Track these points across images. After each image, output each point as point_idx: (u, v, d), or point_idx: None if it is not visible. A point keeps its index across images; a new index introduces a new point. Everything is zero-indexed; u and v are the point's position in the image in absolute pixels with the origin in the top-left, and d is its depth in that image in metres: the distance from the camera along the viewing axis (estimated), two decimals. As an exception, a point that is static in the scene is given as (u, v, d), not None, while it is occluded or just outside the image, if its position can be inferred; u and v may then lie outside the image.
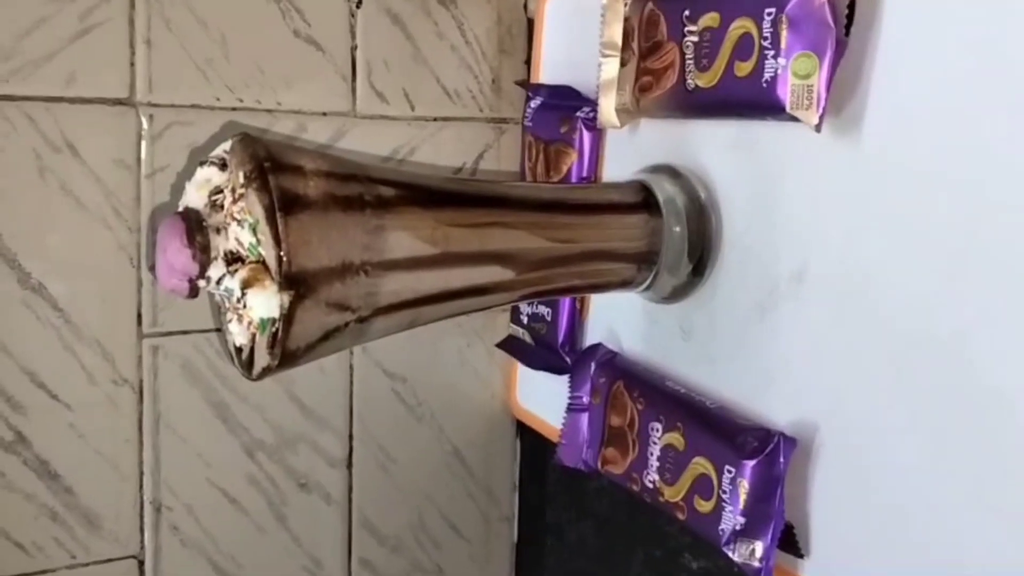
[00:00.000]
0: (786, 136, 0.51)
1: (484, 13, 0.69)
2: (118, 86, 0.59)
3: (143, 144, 0.60)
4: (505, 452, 0.75)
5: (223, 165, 0.46)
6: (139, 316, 0.61)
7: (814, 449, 0.50)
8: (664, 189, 0.56)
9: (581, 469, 0.63)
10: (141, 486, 0.62)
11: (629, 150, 0.62)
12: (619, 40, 0.59)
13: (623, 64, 0.59)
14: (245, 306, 0.43)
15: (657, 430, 0.57)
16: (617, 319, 0.63)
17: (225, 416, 0.64)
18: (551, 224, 0.51)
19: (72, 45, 0.57)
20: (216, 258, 0.45)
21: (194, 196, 0.46)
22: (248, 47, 0.62)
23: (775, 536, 0.50)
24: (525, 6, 0.71)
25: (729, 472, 0.52)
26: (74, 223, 0.59)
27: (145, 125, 0.60)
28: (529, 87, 0.68)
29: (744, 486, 0.51)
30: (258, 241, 0.43)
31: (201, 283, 0.46)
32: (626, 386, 0.59)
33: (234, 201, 0.44)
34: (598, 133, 0.63)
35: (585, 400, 0.63)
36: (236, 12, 0.62)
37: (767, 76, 0.49)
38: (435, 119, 0.69)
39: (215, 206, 0.46)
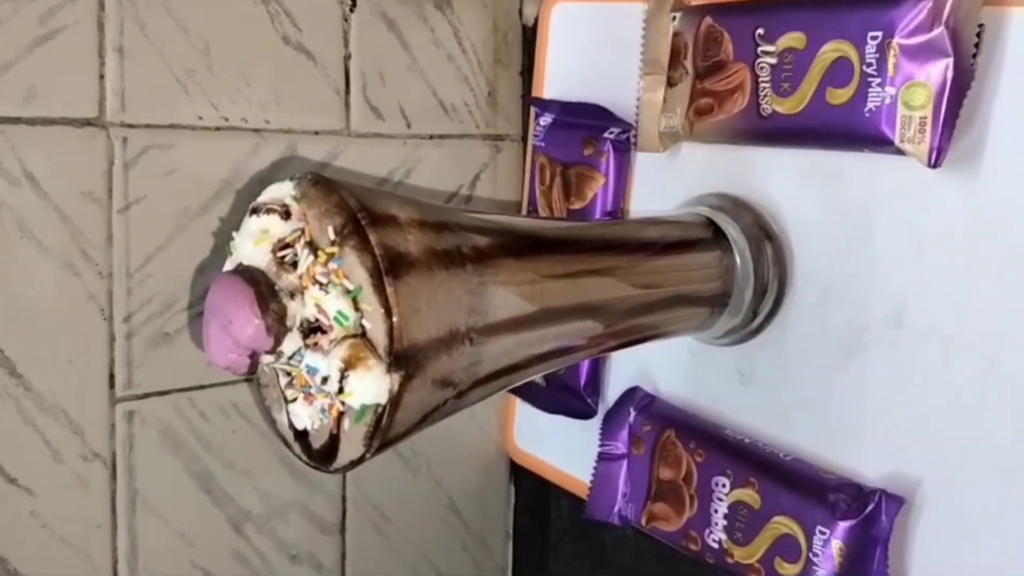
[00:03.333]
0: (882, 168, 0.47)
1: (479, 19, 0.62)
2: (86, 103, 0.49)
3: (115, 172, 0.50)
4: (499, 499, 0.69)
5: (286, 213, 0.38)
6: (111, 377, 0.51)
7: (915, 507, 0.47)
8: (729, 223, 0.51)
9: (614, 523, 0.58)
10: (116, 577, 0.52)
11: (665, 177, 0.56)
12: (666, 57, 0.53)
13: (672, 84, 0.54)
14: (342, 391, 0.35)
15: (724, 485, 0.52)
16: (652, 359, 0.58)
17: (210, 487, 0.55)
18: (636, 268, 0.46)
19: (31, 54, 0.47)
20: (291, 329, 0.37)
21: (252, 252, 0.38)
22: (234, 56, 0.53)
23: (875, 602, 0.46)
24: (520, 12, 0.65)
25: (822, 533, 0.48)
26: (34, 269, 0.48)
27: (117, 150, 0.50)
28: (539, 103, 0.61)
29: (840, 548, 0.47)
30: (359, 312, 0.35)
31: (267, 359, 0.38)
32: (679, 435, 0.54)
33: (321, 261, 0.36)
34: (627, 156, 0.58)
35: (622, 449, 0.57)
36: (221, 15, 0.52)
37: (871, 105, 0.45)
38: (431, 136, 0.61)
39: (283, 264, 0.37)
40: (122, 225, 0.50)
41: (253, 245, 0.38)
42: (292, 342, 0.37)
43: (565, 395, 0.61)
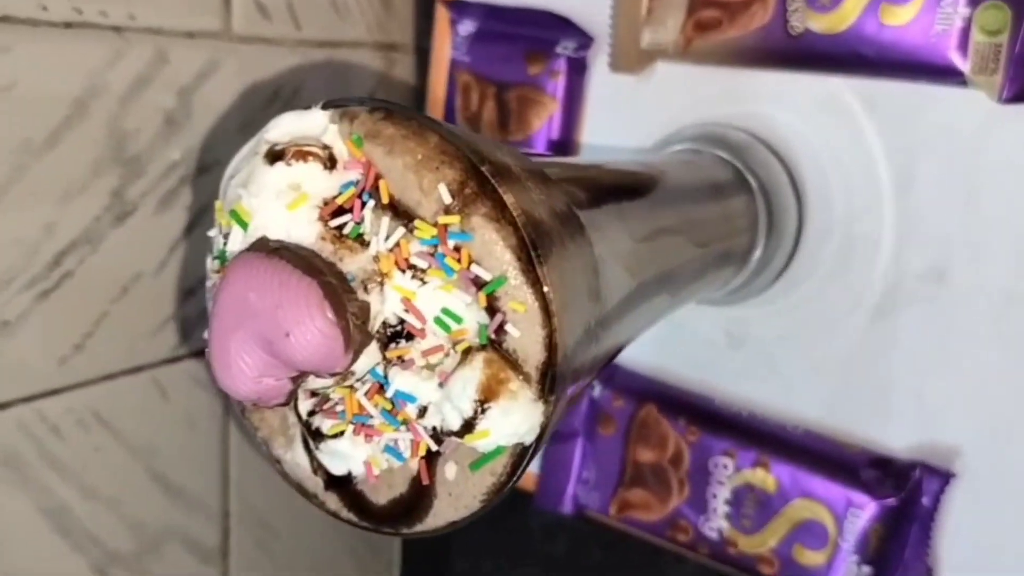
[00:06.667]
0: (928, 100, 0.41)
1: None
2: None
3: (-77, 85, 0.33)
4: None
5: (331, 160, 0.25)
6: (-73, 391, 0.34)
7: (952, 481, 0.42)
8: (740, 162, 0.43)
9: (565, 513, 0.49)
10: (-57, 674, 0.36)
11: (631, 104, 0.47)
12: (652, -45, 0.44)
13: (661, -11, 0.44)
14: (470, 429, 0.24)
15: (725, 467, 0.45)
16: (608, 320, 0.49)
17: (67, 527, 0.39)
18: (697, 223, 0.36)
19: None
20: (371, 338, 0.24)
21: (286, 219, 0.24)
22: (88, -81, 0.37)
23: (913, 586, 0.41)
24: None
25: (855, 516, 0.42)
26: None
27: (-74, 50, 0.33)
28: (456, 6, 0.49)
29: (877, 531, 0.42)
30: (498, 312, 0.23)
31: (320, 381, 0.25)
32: (662, 411, 0.46)
33: (422, 235, 0.23)
34: (583, 78, 0.47)
35: (577, 427, 0.49)
36: None
37: (938, 28, 0.38)
38: (321, 44, 0.47)
39: (342, 240, 0.24)
40: (-64, 166, 0.33)
41: (287, 209, 0.24)
42: (369, 356, 0.24)
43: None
